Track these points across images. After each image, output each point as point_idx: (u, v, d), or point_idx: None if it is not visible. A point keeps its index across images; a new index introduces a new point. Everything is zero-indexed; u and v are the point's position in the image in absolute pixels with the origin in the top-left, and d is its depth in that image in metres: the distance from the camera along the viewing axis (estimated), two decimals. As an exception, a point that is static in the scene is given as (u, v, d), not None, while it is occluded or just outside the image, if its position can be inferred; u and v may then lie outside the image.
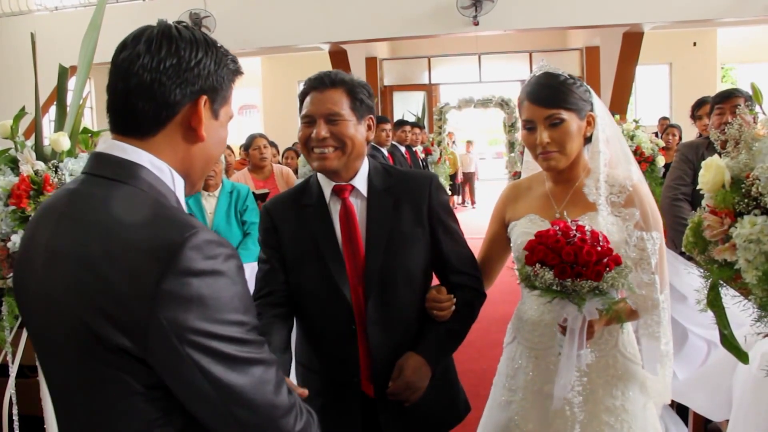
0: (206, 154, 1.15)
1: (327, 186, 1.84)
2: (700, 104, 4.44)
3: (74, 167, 1.95)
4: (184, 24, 1.12)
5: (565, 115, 1.80)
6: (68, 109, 2.13)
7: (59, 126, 2.09)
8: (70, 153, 2.04)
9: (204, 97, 1.09)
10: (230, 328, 0.99)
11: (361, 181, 1.84)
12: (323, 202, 1.84)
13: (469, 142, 16.35)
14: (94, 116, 14.63)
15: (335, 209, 1.83)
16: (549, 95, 1.82)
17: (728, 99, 3.35)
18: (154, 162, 1.08)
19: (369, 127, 1.85)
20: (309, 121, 1.79)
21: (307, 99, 1.80)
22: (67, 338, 1.01)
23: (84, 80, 2.13)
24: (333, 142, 1.76)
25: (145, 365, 0.97)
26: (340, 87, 1.78)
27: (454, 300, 1.82)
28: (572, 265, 1.57)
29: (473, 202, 15.94)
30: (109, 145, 1.08)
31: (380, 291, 1.78)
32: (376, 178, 1.87)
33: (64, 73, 2.10)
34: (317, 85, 1.79)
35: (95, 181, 1.07)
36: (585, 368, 1.72)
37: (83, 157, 2.03)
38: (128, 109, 1.07)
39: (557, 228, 1.63)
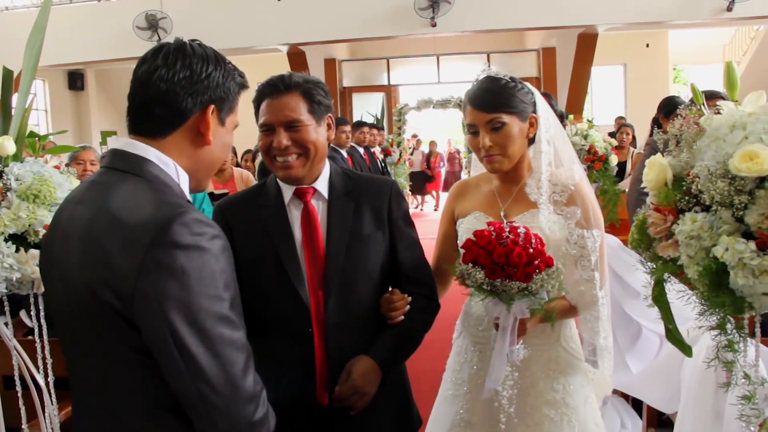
0: (212, 156, 1.29)
1: (287, 188, 1.80)
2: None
3: (20, 172, 1.89)
4: (198, 42, 1.27)
5: (506, 118, 1.83)
6: (13, 112, 2.07)
7: (4, 130, 2.03)
8: (16, 157, 1.98)
9: (212, 106, 1.24)
10: (209, 301, 1.08)
11: (322, 184, 1.80)
12: (281, 203, 1.79)
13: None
14: (48, 118, 14.27)
15: (295, 211, 1.79)
16: (490, 100, 1.84)
17: (710, 99, 3.42)
18: (160, 157, 1.21)
19: (329, 127, 1.80)
20: (267, 129, 1.73)
21: (263, 106, 1.74)
22: (79, 307, 1.14)
23: (29, 83, 2.07)
24: (295, 149, 1.71)
25: (136, 331, 1.08)
26: (295, 91, 1.72)
27: (409, 299, 1.79)
28: (503, 266, 1.60)
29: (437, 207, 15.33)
30: (123, 142, 1.23)
31: (341, 293, 1.74)
32: (338, 181, 1.83)
33: (8, 76, 2.04)
34: (271, 91, 1.73)
35: (109, 172, 1.22)
36: (518, 363, 1.76)
37: (30, 162, 1.98)
38: (145, 114, 1.22)
39: (492, 229, 1.65)
